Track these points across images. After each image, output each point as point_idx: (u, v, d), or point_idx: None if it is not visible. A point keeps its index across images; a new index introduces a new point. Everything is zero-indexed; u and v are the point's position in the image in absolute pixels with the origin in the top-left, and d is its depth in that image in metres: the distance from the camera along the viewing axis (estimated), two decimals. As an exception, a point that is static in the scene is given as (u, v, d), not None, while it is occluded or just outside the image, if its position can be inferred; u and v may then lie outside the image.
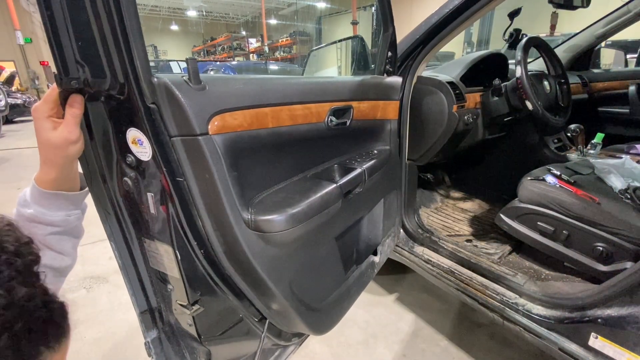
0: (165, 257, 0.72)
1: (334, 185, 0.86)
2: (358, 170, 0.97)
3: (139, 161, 0.63)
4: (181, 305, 0.76)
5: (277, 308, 0.86)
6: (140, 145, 0.61)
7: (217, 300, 0.81)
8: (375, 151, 1.16)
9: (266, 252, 0.75)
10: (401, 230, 1.50)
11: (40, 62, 12.06)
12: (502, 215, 1.37)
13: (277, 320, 0.92)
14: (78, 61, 0.59)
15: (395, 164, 1.30)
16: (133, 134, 0.61)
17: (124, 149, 0.64)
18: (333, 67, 2.26)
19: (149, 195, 0.66)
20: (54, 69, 0.62)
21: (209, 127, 0.62)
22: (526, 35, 1.57)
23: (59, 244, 0.58)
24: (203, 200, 0.66)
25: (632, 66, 3.98)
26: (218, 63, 8.11)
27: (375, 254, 1.29)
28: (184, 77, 0.61)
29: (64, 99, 0.61)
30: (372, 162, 1.05)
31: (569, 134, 1.66)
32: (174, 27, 20.28)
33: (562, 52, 2.21)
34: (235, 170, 0.68)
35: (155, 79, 0.57)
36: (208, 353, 0.87)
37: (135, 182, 0.66)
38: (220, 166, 0.65)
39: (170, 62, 9.04)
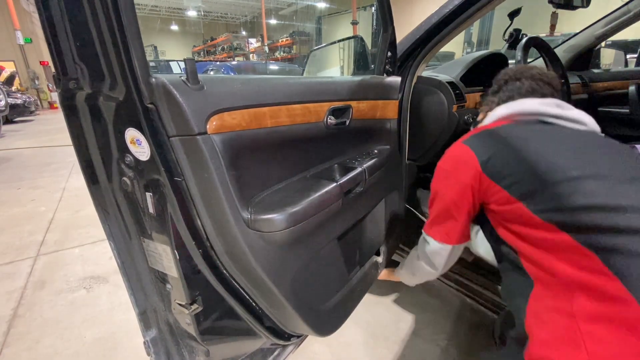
0: (164, 257, 0.72)
1: (334, 184, 0.85)
2: (358, 170, 0.96)
3: (137, 161, 0.63)
4: (180, 304, 0.76)
5: (279, 308, 0.85)
6: (138, 145, 0.61)
7: (216, 299, 0.81)
8: (376, 151, 1.16)
9: (266, 251, 0.74)
10: (401, 230, 1.49)
11: (40, 62, 12.09)
12: (501, 215, 1.36)
13: (279, 321, 0.91)
14: (76, 61, 0.59)
15: (396, 164, 1.30)
16: (131, 134, 0.61)
17: (123, 149, 0.64)
18: (334, 67, 2.25)
19: (148, 195, 0.66)
20: (53, 70, 0.63)
21: (208, 126, 0.62)
22: (526, 35, 1.57)
23: None
24: (202, 199, 0.66)
25: (632, 66, 3.98)
26: (218, 63, 8.15)
27: (378, 254, 1.28)
28: (182, 77, 0.60)
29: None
30: (373, 161, 1.04)
31: (569, 134, 1.65)
32: (174, 27, 20.30)
33: (562, 52, 2.21)
34: (234, 169, 0.68)
35: (154, 79, 0.57)
36: (207, 352, 0.86)
37: (134, 182, 0.66)
38: (219, 165, 0.64)
39: (170, 62, 9.07)
